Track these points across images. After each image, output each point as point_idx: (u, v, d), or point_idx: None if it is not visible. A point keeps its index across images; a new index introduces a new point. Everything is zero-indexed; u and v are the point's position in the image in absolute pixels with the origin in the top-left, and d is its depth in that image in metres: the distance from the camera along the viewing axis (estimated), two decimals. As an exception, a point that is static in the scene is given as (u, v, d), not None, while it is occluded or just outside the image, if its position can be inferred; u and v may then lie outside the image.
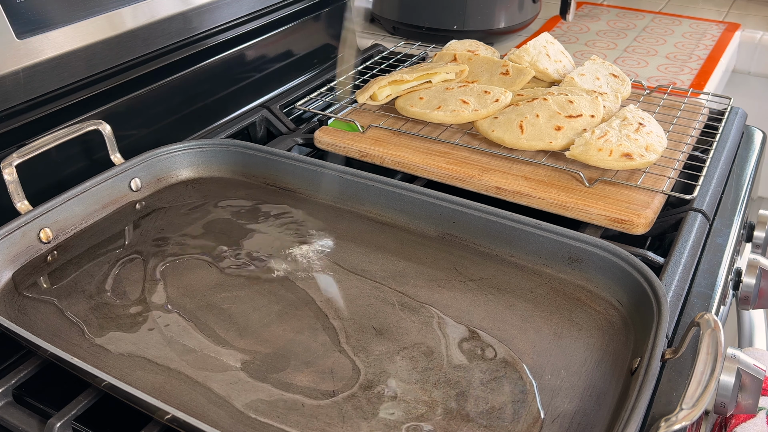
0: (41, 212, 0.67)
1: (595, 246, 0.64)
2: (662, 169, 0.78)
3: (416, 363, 0.56)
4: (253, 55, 1.02)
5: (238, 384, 0.54)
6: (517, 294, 0.64)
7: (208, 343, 0.57)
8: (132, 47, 0.84)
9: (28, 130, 0.74)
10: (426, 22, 1.29)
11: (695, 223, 0.73)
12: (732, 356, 0.55)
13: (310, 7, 1.13)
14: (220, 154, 0.82)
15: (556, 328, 0.59)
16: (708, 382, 0.45)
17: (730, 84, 1.37)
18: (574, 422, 0.51)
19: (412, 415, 0.51)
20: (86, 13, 0.78)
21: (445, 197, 0.71)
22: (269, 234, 0.72)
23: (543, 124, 0.81)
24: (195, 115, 0.93)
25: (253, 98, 1.02)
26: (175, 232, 0.72)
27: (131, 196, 0.76)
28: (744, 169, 0.88)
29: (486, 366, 0.56)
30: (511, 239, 0.68)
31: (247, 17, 1.02)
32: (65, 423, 0.51)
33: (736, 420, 0.66)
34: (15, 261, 0.65)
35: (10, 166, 0.66)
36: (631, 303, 0.61)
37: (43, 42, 0.74)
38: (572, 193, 0.74)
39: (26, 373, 0.55)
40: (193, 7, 0.91)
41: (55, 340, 0.57)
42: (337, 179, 0.76)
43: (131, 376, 0.54)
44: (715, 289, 0.66)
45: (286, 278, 0.65)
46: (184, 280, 0.65)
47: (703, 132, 0.89)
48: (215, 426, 0.46)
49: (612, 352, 0.57)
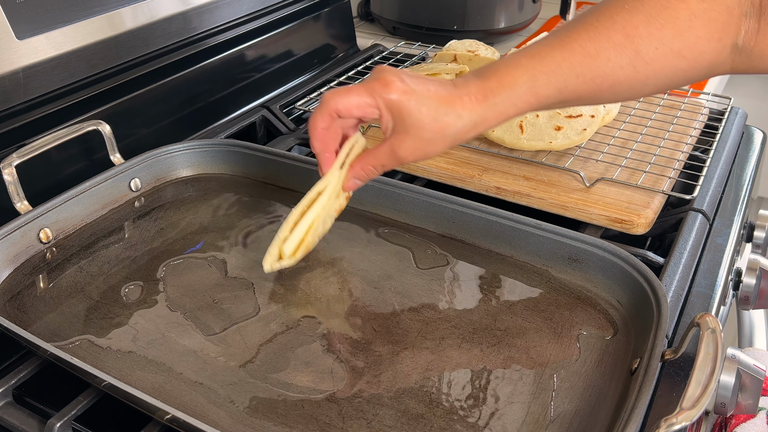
0: (41, 212, 0.67)
1: (595, 246, 0.64)
2: (662, 169, 0.78)
3: (416, 363, 0.56)
4: (252, 55, 1.02)
5: (238, 384, 0.54)
6: (516, 294, 0.64)
7: (208, 343, 0.57)
8: (132, 47, 0.84)
9: (28, 130, 0.74)
10: (426, 22, 1.29)
11: (695, 223, 0.73)
12: (732, 356, 0.55)
13: (310, 7, 1.13)
14: (220, 154, 0.82)
15: (556, 328, 0.59)
16: (708, 383, 0.45)
17: (730, 84, 1.37)
18: (574, 422, 0.51)
19: (412, 415, 0.51)
20: (86, 13, 0.78)
21: (445, 197, 0.71)
22: (269, 234, 0.72)
23: (543, 124, 0.81)
24: (195, 115, 0.93)
25: (252, 98, 1.02)
26: (174, 232, 0.72)
27: (131, 196, 0.76)
28: (744, 169, 0.88)
29: (485, 367, 0.56)
30: (511, 239, 0.68)
31: (247, 17, 1.02)
32: (65, 423, 0.51)
33: (736, 420, 0.66)
34: (15, 261, 0.65)
35: (10, 166, 0.66)
36: (631, 303, 0.61)
37: (43, 42, 0.74)
38: (572, 193, 0.74)
39: (26, 373, 0.55)
40: (193, 7, 0.91)
41: (55, 340, 0.57)
42: (337, 179, 0.76)
43: (131, 376, 0.54)
44: (715, 289, 0.66)
45: (286, 278, 0.65)
46: (184, 280, 0.65)
47: (703, 132, 0.89)
48: (215, 426, 0.46)
49: (612, 352, 0.57)
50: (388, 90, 0.55)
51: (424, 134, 0.56)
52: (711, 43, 0.53)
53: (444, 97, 0.55)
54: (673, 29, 0.53)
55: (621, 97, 0.58)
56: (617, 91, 0.56)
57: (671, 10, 0.53)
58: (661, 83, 0.56)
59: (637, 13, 0.53)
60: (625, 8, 0.54)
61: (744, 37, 0.53)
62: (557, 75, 0.54)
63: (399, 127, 0.56)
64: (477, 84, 0.55)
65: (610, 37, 0.53)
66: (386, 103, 0.56)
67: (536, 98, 0.55)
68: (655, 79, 0.55)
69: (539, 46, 0.56)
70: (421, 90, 0.55)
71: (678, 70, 0.55)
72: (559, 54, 0.54)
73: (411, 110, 0.55)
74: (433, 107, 0.55)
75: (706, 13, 0.52)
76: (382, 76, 0.56)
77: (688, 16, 0.52)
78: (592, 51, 0.54)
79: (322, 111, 0.58)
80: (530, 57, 0.55)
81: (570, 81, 0.54)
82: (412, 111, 0.55)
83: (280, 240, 0.62)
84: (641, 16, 0.53)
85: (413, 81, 0.56)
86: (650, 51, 0.53)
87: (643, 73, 0.54)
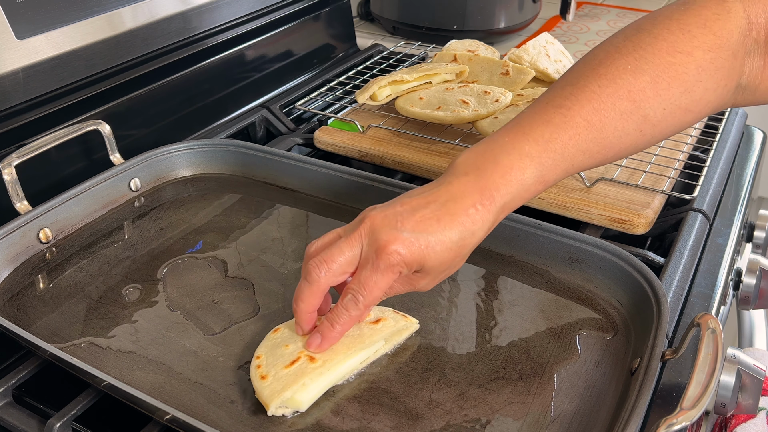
0: (41, 212, 0.67)
1: (595, 246, 0.64)
2: (662, 169, 0.78)
3: (416, 363, 0.56)
4: (252, 54, 1.02)
5: (238, 384, 0.54)
6: (516, 294, 0.64)
7: (208, 344, 0.57)
8: (132, 47, 0.84)
9: (28, 130, 0.74)
10: (426, 22, 1.29)
11: (695, 223, 0.73)
12: (732, 356, 0.55)
13: (310, 7, 1.13)
14: (220, 154, 0.82)
15: (556, 328, 0.59)
16: (708, 383, 0.45)
17: (730, 84, 1.36)
18: (574, 422, 0.51)
19: (411, 414, 0.51)
20: (86, 13, 0.78)
21: (445, 197, 0.71)
22: (269, 234, 0.72)
23: (543, 124, 0.81)
24: (195, 115, 0.93)
25: (252, 98, 1.02)
26: (174, 232, 0.72)
27: (131, 196, 0.76)
28: (744, 169, 0.88)
29: (485, 367, 0.56)
30: (511, 239, 0.68)
31: (247, 17, 1.02)
32: (65, 423, 0.51)
33: (737, 420, 0.66)
34: (14, 261, 0.65)
35: (9, 166, 0.66)
36: (631, 303, 0.61)
37: (43, 42, 0.74)
38: (572, 193, 0.74)
39: (26, 373, 0.55)
40: (193, 7, 0.91)
41: (54, 340, 0.57)
42: (337, 179, 0.76)
43: (131, 376, 0.54)
44: (715, 289, 0.66)
45: (286, 278, 0.65)
46: (184, 280, 0.65)
47: (703, 132, 0.89)
48: (215, 426, 0.46)
49: (612, 352, 0.57)
50: (396, 258, 0.49)
51: (445, 266, 0.51)
52: (717, 91, 0.51)
53: (449, 222, 0.49)
54: (681, 86, 0.50)
55: (627, 155, 0.55)
56: (621, 155, 0.54)
57: (678, 66, 0.50)
58: (667, 134, 0.54)
59: (642, 74, 0.50)
60: (628, 69, 0.50)
61: (748, 75, 0.51)
62: (564, 158, 0.51)
63: (420, 274, 0.52)
64: (476, 186, 0.50)
65: (615, 105, 0.50)
66: (403, 269, 0.50)
67: (543, 185, 0.51)
68: (660, 137, 0.53)
69: (540, 127, 0.51)
70: (424, 232, 0.49)
71: (684, 124, 0.53)
72: (564, 134, 0.50)
73: (426, 258, 0.49)
74: (446, 240, 0.49)
75: (713, 62, 0.50)
76: (378, 244, 0.49)
77: (696, 69, 0.50)
78: (597, 124, 0.50)
79: (313, 292, 0.51)
80: (534, 142, 0.50)
81: (577, 159, 0.51)
82: (428, 258, 0.49)
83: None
84: (646, 78, 0.50)
85: (410, 224, 0.49)
86: (658, 113, 0.50)
87: (650, 135, 0.52)
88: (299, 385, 0.50)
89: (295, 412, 0.51)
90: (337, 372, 0.53)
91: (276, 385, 0.50)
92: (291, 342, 0.54)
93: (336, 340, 0.53)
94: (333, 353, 0.53)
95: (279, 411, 0.50)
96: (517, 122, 0.53)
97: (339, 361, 0.52)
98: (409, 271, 0.51)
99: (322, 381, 0.52)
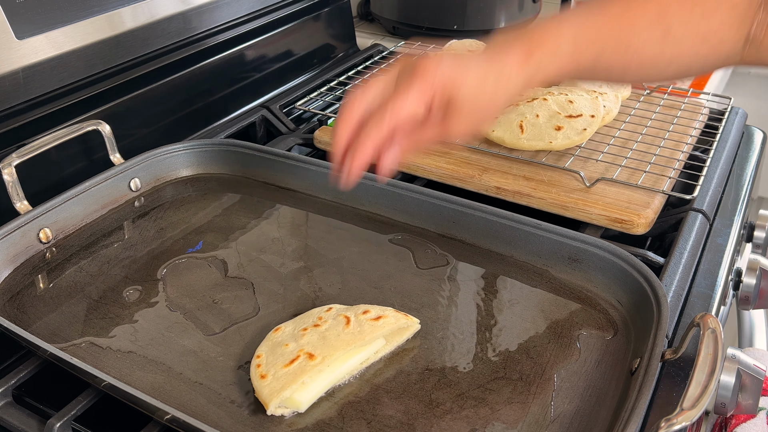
0: (41, 212, 0.67)
1: (595, 246, 0.64)
2: (662, 169, 0.78)
3: (416, 364, 0.56)
4: (252, 54, 1.02)
5: (238, 384, 0.54)
6: (516, 294, 0.64)
7: (208, 344, 0.57)
8: (131, 47, 0.84)
9: (28, 130, 0.74)
10: (426, 22, 1.29)
11: (695, 223, 0.73)
12: (732, 356, 0.55)
13: (310, 7, 1.13)
14: (220, 154, 0.82)
15: (556, 328, 0.59)
16: (708, 383, 0.45)
17: (730, 84, 1.37)
18: (574, 422, 0.51)
19: (412, 414, 0.51)
20: (86, 13, 0.78)
21: (445, 197, 0.71)
22: (269, 234, 0.72)
23: (543, 124, 0.81)
24: (195, 115, 0.93)
25: (252, 98, 1.02)
26: (174, 232, 0.72)
27: (131, 196, 0.76)
28: (744, 169, 0.88)
29: (485, 367, 0.56)
30: (511, 239, 0.68)
31: (247, 17, 1.02)
32: (65, 423, 0.51)
33: (737, 420, 0.66)
34: (14, 261, 0.65)
35: (9, 166, 0.66)
36: (631, 303, 0.61)
37: (42, 42, 0.74)
38: (572, 193, 0.74)
39: (26, 373, 0.55)
40: (193, 7, 0.91)
41: (54, 340, 0.57)
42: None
43: (131, 376, 0.54)
44: (715, 289, 0.66)
45: (286, 278, 0.65)
46: (184, 280, 0.65)
47: (703, 132, 0.89)
48: (215, 426, 0.46)
49: (612, 352, 0.57)
50: (430, 73, 0.52)
51: (476, 106, 0.53)
52: (731, 30, 0.54)
53: (485, 61, 0.53)
54: (702, 10, 0.54)
55: (645, 76, 0.58)
56: (643, 69, 0.57)
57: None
58: (683, 67, 0.57)
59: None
60: None
61: (756, 28, 0.54)
62: (597, 42, 0.54)
63: (451, 109, 0.53)
64: (519, 45, 0.54)
65: (645, 9, 0.54)
66: (435, 91, 0.52)
67: (575, 65, 0.55)
68: (678, 60, 0.56)
69: (578, 12, 0.56)
70: (461, 64, 0.53)
71: (699, 57, 0.56)
72: (599, 20, 0.55)
73: (460, 86, 0.52)
74: (481, 73, 0.53)
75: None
76: (417, 67, 0.52)
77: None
78: (627, 21, 0.54)
79: (382, 127, 0.52)
80: (571, 22, 0.55)
81: (606, 50, 0.55)
82: (461, 86, 0.52)
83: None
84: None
85: (449, 60, 0.53)
86: (679, 29, 0.54)
87: (669, 53, 0.55)
88: (298, 384, 0.50)
89: (295, 412, 0.51)
90: (336, 370, 0.53)
91: (275, 384, 0.50)
92: (291, 341, 0.54)
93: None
94: (333, 350, 0.53)
95: (278, 411, 0.51)
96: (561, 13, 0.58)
97: (338, 357, 0.53)
98: (441, 101, 0.52)
99: (321, 380, 0.52)
